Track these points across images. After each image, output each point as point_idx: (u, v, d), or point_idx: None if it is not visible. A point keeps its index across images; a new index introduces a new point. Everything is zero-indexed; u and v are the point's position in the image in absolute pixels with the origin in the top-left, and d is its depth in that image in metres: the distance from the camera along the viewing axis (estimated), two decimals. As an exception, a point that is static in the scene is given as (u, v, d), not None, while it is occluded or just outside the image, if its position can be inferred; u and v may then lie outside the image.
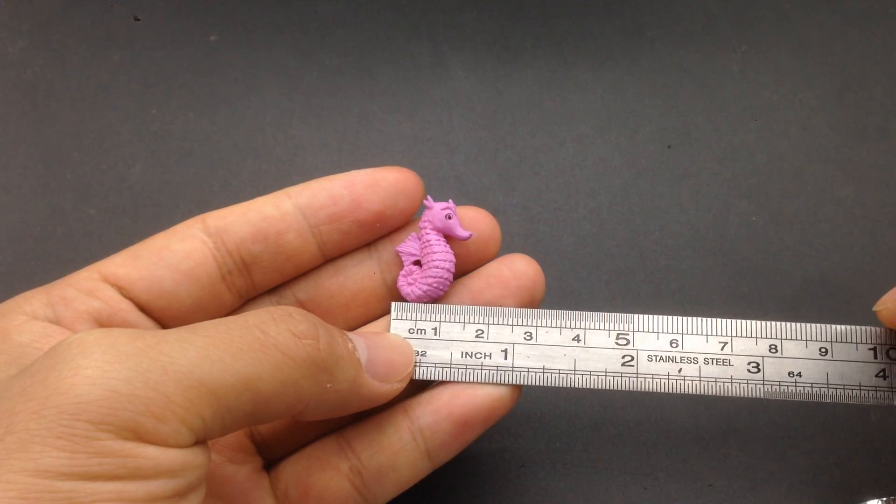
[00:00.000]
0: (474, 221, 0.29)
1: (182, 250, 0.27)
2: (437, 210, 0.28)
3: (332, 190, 0.28)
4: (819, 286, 0.36)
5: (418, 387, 0.29)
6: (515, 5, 0.43)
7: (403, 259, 0.29)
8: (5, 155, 0.40)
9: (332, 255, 0.29)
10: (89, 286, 0.26)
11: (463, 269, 0.29)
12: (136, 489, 0.19)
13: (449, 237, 0.28)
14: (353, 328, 0.29)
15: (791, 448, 0.33)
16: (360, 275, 0.29)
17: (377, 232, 0.29)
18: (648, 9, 0.43)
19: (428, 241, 0.28)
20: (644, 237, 0.37)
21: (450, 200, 0.29)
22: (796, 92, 0.41)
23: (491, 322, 0.28)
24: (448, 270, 0.28)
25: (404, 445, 0.27)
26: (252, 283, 0.28)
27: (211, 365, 0.20)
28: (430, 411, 0.27)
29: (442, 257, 0.28)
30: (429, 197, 0.29)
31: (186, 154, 0.40)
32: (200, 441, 0.21)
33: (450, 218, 0.28)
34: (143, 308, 0.26)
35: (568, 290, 0.36)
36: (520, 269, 0.29)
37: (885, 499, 0.31)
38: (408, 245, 0.29)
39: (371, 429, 0.28)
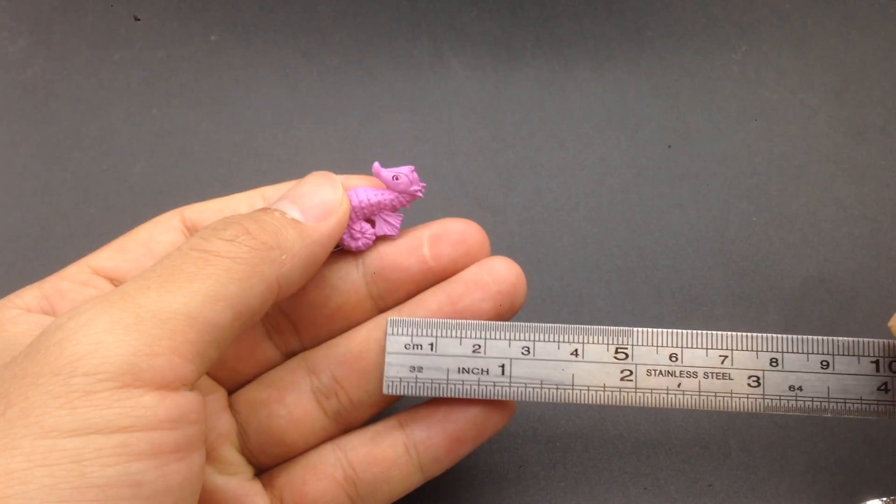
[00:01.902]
0: (464, 235, 0.28)
1: (167, 241, 0.27)
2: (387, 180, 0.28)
3: None
4: (819, 286, 0.36)
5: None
6: (515, 5, 0.43)
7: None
8: (5, 155, 0.40)
9: None
10: (82, 278, 0.26)
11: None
12: (139, 441, 0.20)
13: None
14: (335, 337, 0.29)
15: (791, 448, 0.33)
16: (344, 287, 0.28)
17: None
18: (648, 9, 0.43)
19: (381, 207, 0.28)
20: (644, 237, 0.37)
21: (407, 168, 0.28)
22: (796, 92, 0.41)
23: (488, 337, 0.27)
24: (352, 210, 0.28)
25: (398, 458, 0.27)
26: None
27: (174, 295, 0.21)
28: (425, 426, 0.28)
29: (354, 189, 0.28)
30: (377, 163, 0.28)
31: (186, 154, 0.40)
32: (199, 368, 0.22)
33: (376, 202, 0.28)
34: None
35: (567, 290, 0.36)
36: (499, 273, 0.28)
37: (885, 499, 0.31)
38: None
39: (366, 441, 0.28)
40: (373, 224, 0.28)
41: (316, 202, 0.26)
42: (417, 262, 0.28)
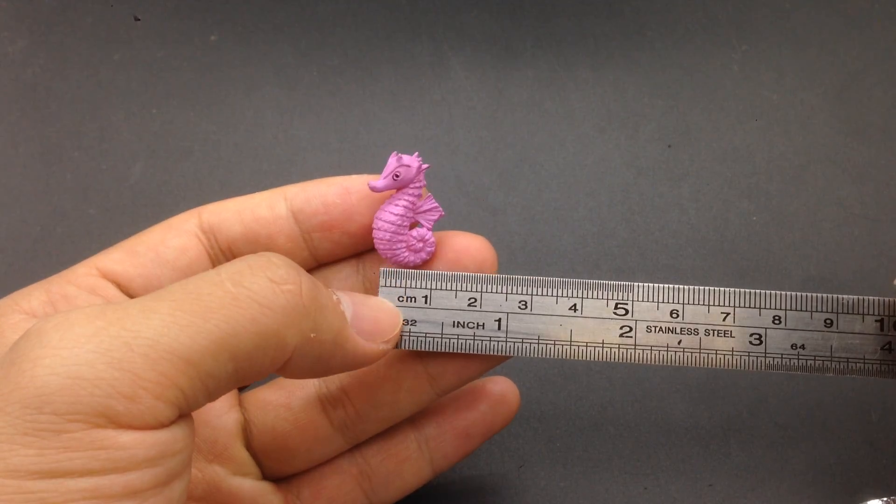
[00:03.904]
0: (471, 250, 0.28)
1: (178, 246, 0.26)
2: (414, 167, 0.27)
3: (326, 196, 0.27)
4: (819, 286, 0.36)
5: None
6: (515, 5, 0.43)
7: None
8: (5, 155, 0.40)
9: (324, 260, 0.28)
10: (90, 283, 0.26)
11: None
12: (113, 484, 0.18)
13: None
14: None
15: (791, 448, 0.33)
16: (345, 288, 0.28)
17: (369, 244, 0.28)
18: (648, 9, 0.43)
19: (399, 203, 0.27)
20: (644, 237, 0.37)
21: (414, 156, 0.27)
22: (796, 92, 0.41)
23: (484, 290, 0.27)
24: (379, 229, 0.26)
25: (410, 454, 0.28)
26: None
27: (179, 331, 0.19)
28: (435, 423, 0.29)
29: (378, 215, 0.26)
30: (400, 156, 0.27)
31: (186, 154, 0.40)
32: (185, 414, 0.20)
33: (396, 177, 0.26)
34: None
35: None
36: None
37: (885, 499, 0.31)
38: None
39: (380, 436, 0.29)
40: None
41: (371, 319, 0.25)
42: None
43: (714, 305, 0.26)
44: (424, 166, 0.27)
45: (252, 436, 0.28)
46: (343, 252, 0.28)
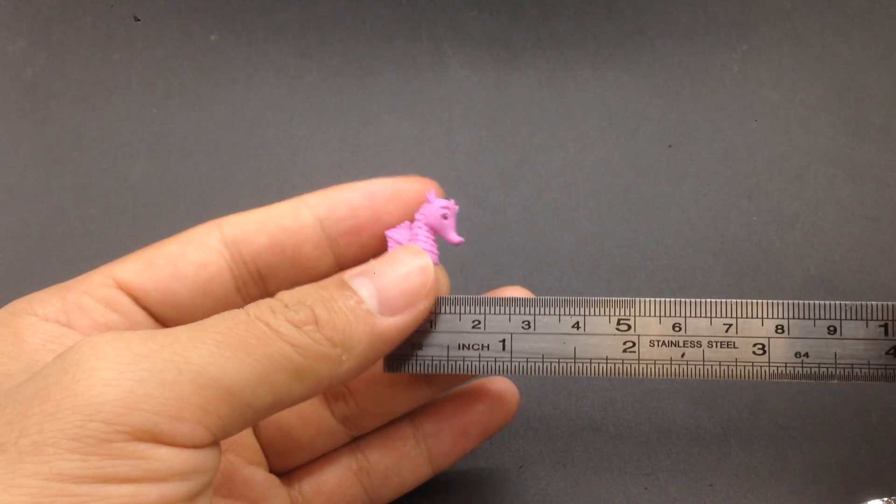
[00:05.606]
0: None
1: (197, 261, 0.26)
2: (436, 207, 0.27)
3: (352, 201, 0.27)
4: (820, 286, 0.36)
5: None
6: (515, 5, 0.43)
7: (390, 244, 0.27)
8: (5, 155, 0.40)
9: (348, 265, 0.28)
10: (106, 295, 0.25)
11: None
12: (150, 492, 0.19)
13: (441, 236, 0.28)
14: None
15: (791, 448, 0.33)
16: None
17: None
18: (648, 9, 0.43)
19: (416, 234, 0.27)
20: (644, 237, 0.37)
21: (451, 200, 0.28)
22: (796, 92, 0.41)
23: (488, 312, 0.27)
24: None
25: (409, 451, 0.29)
26: (266, 292, 0.27)
27: (225, 362, 0.20)
28: (433, 421, 0.29)
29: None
30: (432, 190, 0.28)
31: (187, 154, 0.40)
32: (218, 438, 0.21)
33: (445, 218, 0.27)
34: (156, 318, 0.26)
35: (568, 290, 0.36)
36: None
37: (885, 499, 0.31)
38: (398, 232, 0.27)
39: (378, 433, 0.29)
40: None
41: (398, 292, 0.24)
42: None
43: (716, 317, 0.26)
44: (445, 204, 0.28)
45: (259, 428, 0.28)
46: (367, 255, 0.28)
